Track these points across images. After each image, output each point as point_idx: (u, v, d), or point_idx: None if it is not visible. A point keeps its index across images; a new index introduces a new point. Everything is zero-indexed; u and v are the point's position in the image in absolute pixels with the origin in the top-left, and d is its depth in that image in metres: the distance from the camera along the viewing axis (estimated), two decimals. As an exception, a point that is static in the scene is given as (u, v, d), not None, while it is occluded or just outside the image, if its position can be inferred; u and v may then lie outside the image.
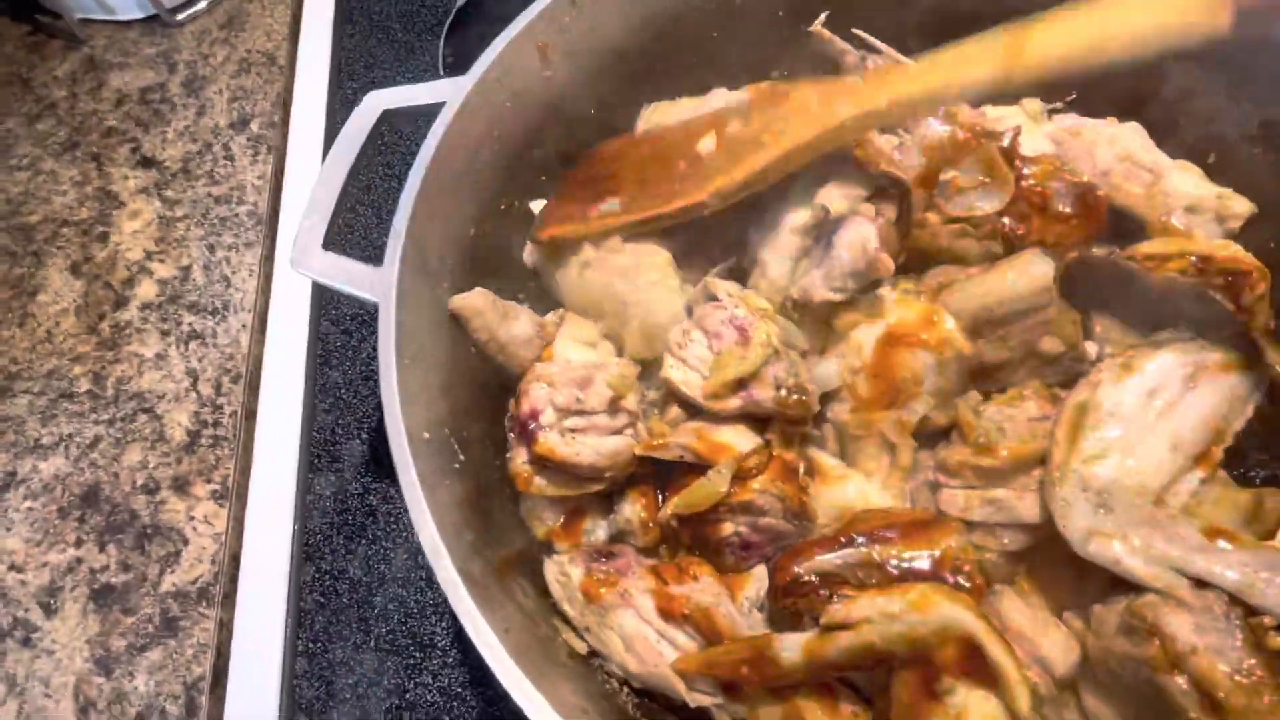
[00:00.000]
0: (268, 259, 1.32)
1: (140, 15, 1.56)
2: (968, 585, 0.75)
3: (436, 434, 0.76)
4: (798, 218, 0.88)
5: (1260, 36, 0.97)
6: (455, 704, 0.97)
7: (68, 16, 1.52)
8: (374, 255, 0.79)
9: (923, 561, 0.76)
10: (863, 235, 0.84)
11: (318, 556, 1.07)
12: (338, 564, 1.07)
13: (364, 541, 1.08)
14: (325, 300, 1.27)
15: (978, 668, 0.68)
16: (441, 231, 0.86)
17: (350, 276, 0.77)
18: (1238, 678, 0.64)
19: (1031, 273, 0.85)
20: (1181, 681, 0.66)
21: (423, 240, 0.82)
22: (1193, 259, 0.95)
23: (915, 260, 0.96)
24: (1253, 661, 0.65)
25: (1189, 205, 1.02)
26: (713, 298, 0.88)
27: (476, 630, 0.61)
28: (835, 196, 0.86)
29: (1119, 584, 0.77)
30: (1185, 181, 1.03)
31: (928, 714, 0.69)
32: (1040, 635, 0.78)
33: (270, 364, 1.22)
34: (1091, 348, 0.92)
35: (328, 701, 0.98)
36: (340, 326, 1.25)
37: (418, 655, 1.00)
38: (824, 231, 0.86)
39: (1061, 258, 0.96)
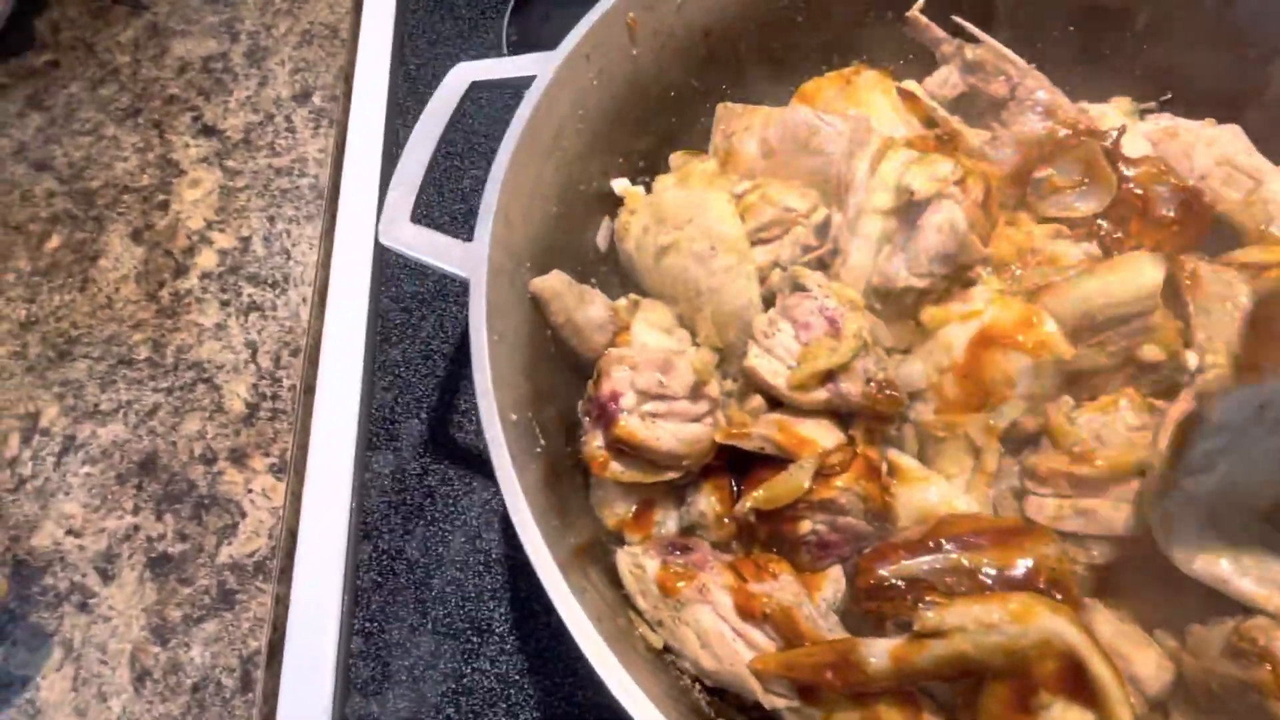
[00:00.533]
0: (328, 233, 1.31)
1: (205, -17, 1.55)
2: (1062, 598, 0.72)
3: (521, 416, 0.74)
4: (880, 200, 0.85)
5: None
6: (512, 691, 0.95)
7: (133, -18, 1.52)
8: (451, 230, 0.77)
9: (1016, 570, 0.73)
10: (951, 217, 0.81)
11: (375, 535, 1.06)
12: (395, 544, 1.05)
13: (422, 522, 1.07)
14: (386, 277, 1.26)
15: (1077, 684, 0.65)
16: (526, 209, 0.84)
17: (438, 250, 0.75)
18: None
19: (1141, 276, 0.81)
20: None
21: (510, 217, 0.80)
22: (1294, 267, 0.92)
23: (1009, 259, 0.92)
24: None
25: (1290, 213, 0.98)
26: (800, 287, 0.86)
27: (572, 618, 0.59)
28: (921, 178, 0.83)
29: (1214, 603, 0.74)
30: (1287, 188, 0.99)
31: (1020, 729, 0.66)
32: (1133, 652, 0.75)
33: (329, 339, 1.21)
34: (1192, 357, 0.88)
35: (383, 682, 0.97)
36: (400, 304, 1.23)
37: (475, 640, 0.99)
38: (909, 215, 0.83)
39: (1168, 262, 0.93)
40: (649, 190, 1.00)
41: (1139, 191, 0.93)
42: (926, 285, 0.84)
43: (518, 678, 0.96)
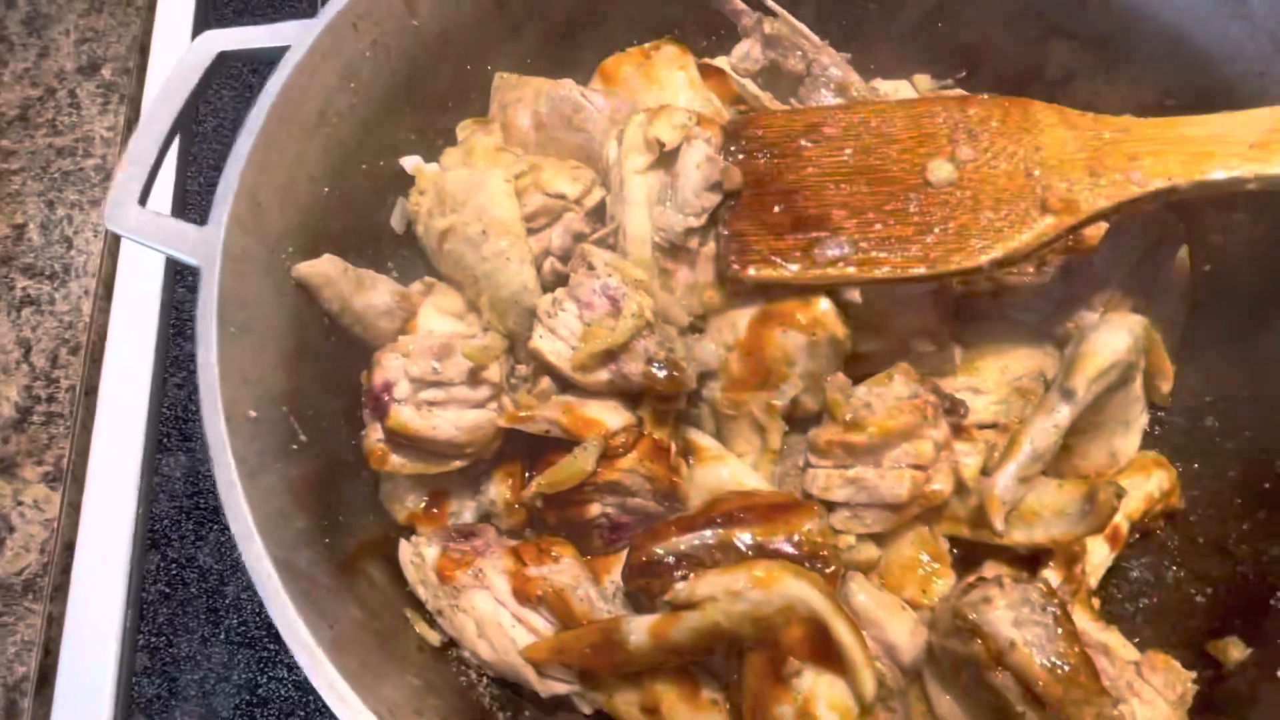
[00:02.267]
0: (116, 219, 1.20)
1: (-27, -58, 1.39)
2: (825, 570, 0.73)
3: (269, 412, 0.70)
4: (635, 162, 0.84)
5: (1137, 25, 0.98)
6: (312, 697, 0.91)
7: (-115, -61, 1.35)
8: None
9: (778, 544, 0.74)
10: (704, 151, 0.82)
11: (164, 544, 0.99)
12: (186, 551, 0.99)
13: (217, 527, 1.00)
14: (181, 266, 1.17)
15: (825, 651, 0.67)
16: (285, 190, 0.78)
17: (169, 236, 0.69)
18: (1055, 670, 0.65)
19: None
20: (1005, 677, 0.67)
21: (261, 199, 0.74)
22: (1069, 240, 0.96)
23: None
24: (1066, 652, 0.66)
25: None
26: (589, 266, 0.84)
27: (286, 623, 0.56)
28: (663, 127, 0.83)
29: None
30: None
31: (776, 699, 0.67)
32: (888, 619, 0.77)
33: (116, 335, 1.12)
34: (958, 352, 0.92)
35: (170, 700, 0.91)
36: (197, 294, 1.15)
37: (272, 648, 0.94)
38: (667, 167, 0.84)
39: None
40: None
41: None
42: (704, 221, 0.84)
43: (317, 683, 0.92)
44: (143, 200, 0.71)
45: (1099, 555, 0.87)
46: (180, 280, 1.16)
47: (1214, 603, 0.85)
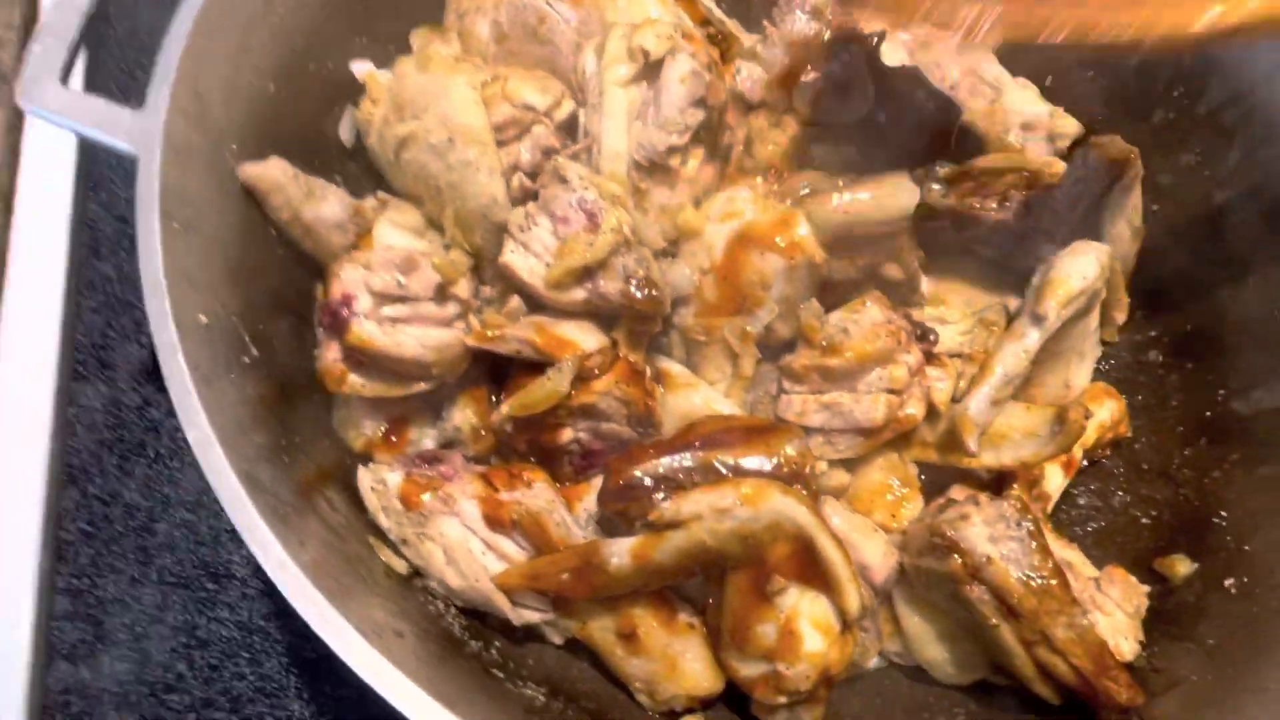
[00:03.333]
0: (14, 127, 1.08)
1: None
2: (811, 491, 0.73)
3: (220, 321, 0.64)
4: (617, 73, 0.80)
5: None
6: (256, 638, 0.86)
7: None
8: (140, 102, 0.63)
9: (758, 464, 0.73)
10: (690, 65, 0.79)
11: (84, 479, 0.91)
12: (109, 487, 0.91)
13: (143, 461, 0.93)
14: (94, 178, 1.06)
15: (808, 569, 0.67)
16: (230, 81, 0.71)
17: (99, 118, 0.62)
18: (1030, 583, 0.67)
19: (897, 198, 0.83)
20: (981, 591, 0.68)
21: (201, 86, 0.67)
22: (1025, 173, 0.98)
23: (773, 161, 0.92)
24: (1041, 565, 0.67)
25: (1025, 123, 1.04)
26: (562, 180, 0.80)
27: (254, 535, 0.52)
28: (650, 37, 0.80)
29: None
30: (1023, 99, 1.05)
31: (759, 616, 0.67)
32: (862, 542, 0.78)
33: (19, 254, 1.01)
34: (925, 282, 0.93)
35: (95, 645, 0.84)
36: (114, 211, 1.05)
37: (211, 587, 0.88)
38: (650, 80, 0.80)
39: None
40: (397, 77, 0.89)
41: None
42: (686, 139, 0.82)
43: (262, 624, 0.87)
44: (64, 79, 0.62)
45: (1054, 481, 0.90)
46: (94, 194, 1.05)
47: (1159, 524, 0.89)
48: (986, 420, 0.79)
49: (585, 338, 0.78)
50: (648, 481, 0.72)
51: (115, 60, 1.09)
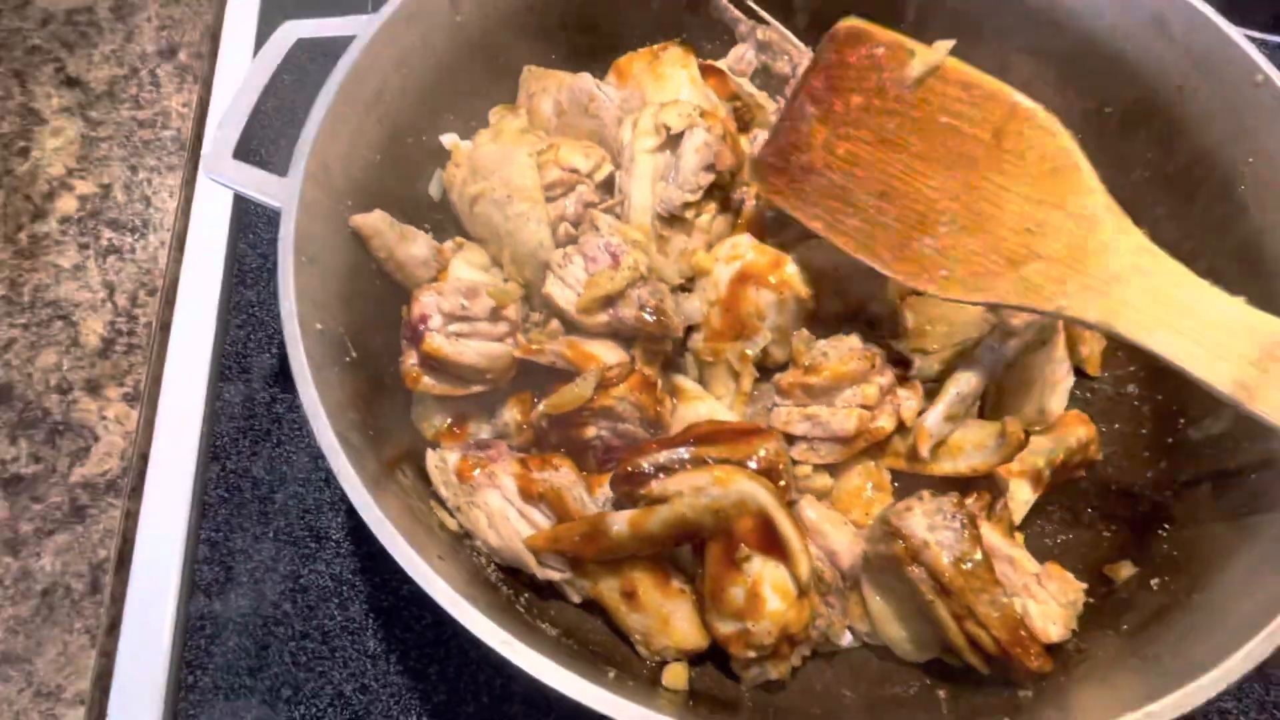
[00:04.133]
0: (189, 183, 1.38)
1: (70, -63, 1.58)
2: (778, 483, 0.88)
3: (330, 330, 0.86)
4: (645, 143, 1.00)
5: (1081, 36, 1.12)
6: (345, 588, 1.07)
7: (-6, -68, 1.53)
8: (285, 172, 0.88)
9: (739, 458, 0.88)
10: (703, 137, 0.98)
11: (224, 457, 1.15)
12: (242, 464, 1.15)
13: (268, 445, 1.17)
14: (244, 224, 1.34)
15: (769, 541, 0.81)
16: (348, 153, 0.95)
17: (258, 184, 0.86)
18: (960, 564, 0.79)
19: None
20: (919, 571, 0.81)
21: (329, 158, 0.91)
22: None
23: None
24: (970, 551, 0.80)
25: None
26: (595, 227, 1.00)
27: (345, 478, 0.71)
28: (672, 115, 0.99)
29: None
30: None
31: (731, 580, 0.82)
32: (832, 531, 0.92)
33: (187, 281, 1.29)
34: (910, 316, 1.06)
35: (226, 584, 1.07)
36: (258, 250, 1.32)
37: (313, 545, 1.10)
38: (672, 149, 1.00)
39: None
40: (478, 146, 1.12)
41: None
42: (699, 196, 1.00)
43: (350, 576, 1.08)
44: (234, 155, 0.88)
45: (1023, 495, 1.01)
46: (243, 235, 1.33)
47: (1116, 536, 0.98)
48: (941, 433, 0.92)
49: (608, 354, 0.97)
50: (649, 469, 0.89)
51: (262, 133, 1.38)
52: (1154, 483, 1.00)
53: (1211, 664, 0.65)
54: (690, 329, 1.03)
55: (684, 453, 0.89)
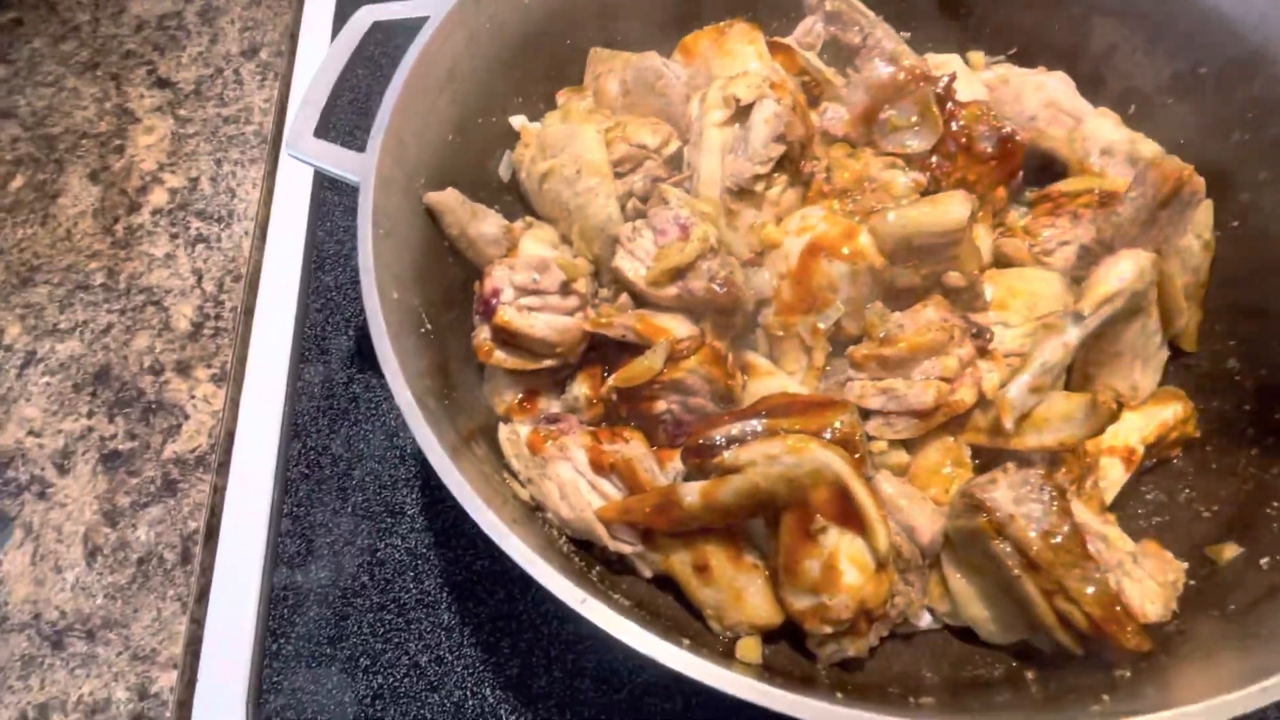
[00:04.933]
0: (270, 174, 1.43)
1: (161, -52, 1.66)
2: (854, 454, 0.85)
3: (407, 299, 0.88)
4: (715, 116, 0.99)
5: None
6: (420, 562, 1.09)
7: (93, -54, 1.63)
8: (362, 148, 0.90)
9: (812, 429, 0.86)
10: (774, 108, 0.97)
11: (304, 435, 1.19)
12: (322, 441, 1.19)
13: (346, 424, 1.20)
14: (322, 213, 1.39)
15: (847, 513, 0.79)
16: (421, 131, 0.97)
17: (337, 159, 0.89)
18: (1048, 539, 0.76)
19: (950, 212, 0.93)
20: (1005, 545, 0.78)
21: (403, 136, 0.93)
22: (1098, 192, 1.06)
23: (850, 187, 1.06)
24: (1059, 524, 0.76)
25: (1104, 148, 1.13)
26: (664, 201, 0.99)
27: (430, 448, 0.72)
28: (741, 86, 0.98)
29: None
30: (1102, 127, 1.13)
31: (806, 552, 0.80)
32: (911, 506, 0.89)
33: (269, 268, 1.33)
34: (989, 289, 1.02)
35: (307, 557, 1.11)
36: (334, 237, 1.36)
37: (389, 521, 1.12)
38: (741, 121, 0.98)
39: (981, 198, 1.07)
40: (546, 127, 1.13)
41: (965, 130, 1.06)
42: (769, 168, 0.98)
43: (425, 551, 1.10)
44: (315, 133, 0.90)
45: (1115, 473, 0.96)
46: (321, 224, 1.37)
47: (1218, 518, 0.93)
48: (1025, 405, 0.89)
49: (678, 326, 0.96)
50: (721, 441, 0.88)
51: (339, 114, 1.42)
52: (1257, 461, 0.94)
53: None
54: (761, 304, 1.02)
55: (756, 424, 0.87)
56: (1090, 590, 0.75)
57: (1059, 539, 0.77)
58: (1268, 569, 0.80)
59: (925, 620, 0.92)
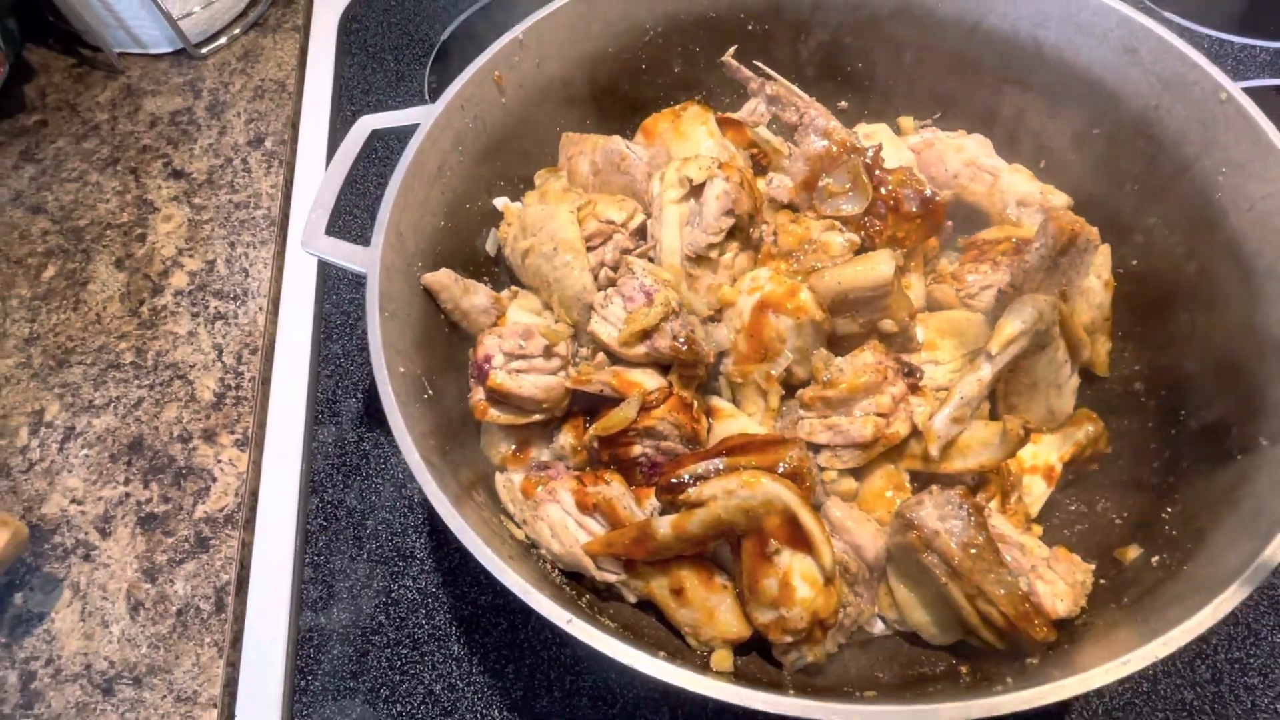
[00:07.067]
0: (280, 254, 1.58)
1: (170, 49, 1.83)
2: (803, 485, 0.99)
3: (410, 370, 1.01)
4: (671, 195, 1.14)
5: (1066, 66, 1.23)
6: (430, 600, 1.22)
7: (107, 51, 1.79)
8: (365, 240, 1.05)
9: (766, 465, 0.99)
10: (722, 186, 1.11)
11: (321, 490, 1.32)
12: (337, 496, 1.31)
13: (358, 478, 1.33)
14: (328, 288, 1.53)
15: (796, 536, 0.92)
16: (417, 222, 1.11)
17: (346, 254, 1.03)
18: (968, 549, 0.89)
19: (877, 269, 1.07)
20: (932, 557, 0.91)
21: (401, 229, 1.07)
22: (1014, 240, 1.21)
23: (793, 248, 1.21)
24: (976, 536, 0.89)
25: (1019, 200, 1.28)
26: (631, 271, 1.14)
27: (437, 500, 0.85)
28: (693, 169, 1.13)
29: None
30: (1017, 181, 1.29)
31: (764, 572, 0.93)
32: (856, 527, 1.03)
33: (282, 339, 1.47)
34: (920, 331, 1.17)
35: (329, 600, 1.23)
36: (340, 309, 1.50)
37: (400, 564, 1.25)
38: (695, 199, 1.13)
39: (910, 251, 1.22)
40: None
41: (892, 194, 1.21)
42: (721, 238, 1.12)
43: (434, 590, 1.23)
44: (326, 231, 1.05)
45: (1038, 489, 1.10)
46: (328, 297, 1.52)
47: (1126, 523, 1.06)
48: (949, 433, 1.02)
49: (648, 380, 1.10)
50: (687, 479, 1.01)
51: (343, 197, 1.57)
52: (1159, 472, 1.07)
53: (1182, 620, 0.73)
54: (721, 355, 1.16)
55: (718, 463, 1.01)
56: (1003, 592, 0.88)
57: (976, 549, 0.90)
58: (1156, 566, 0.93)
59: (878, 627, 1.05)
